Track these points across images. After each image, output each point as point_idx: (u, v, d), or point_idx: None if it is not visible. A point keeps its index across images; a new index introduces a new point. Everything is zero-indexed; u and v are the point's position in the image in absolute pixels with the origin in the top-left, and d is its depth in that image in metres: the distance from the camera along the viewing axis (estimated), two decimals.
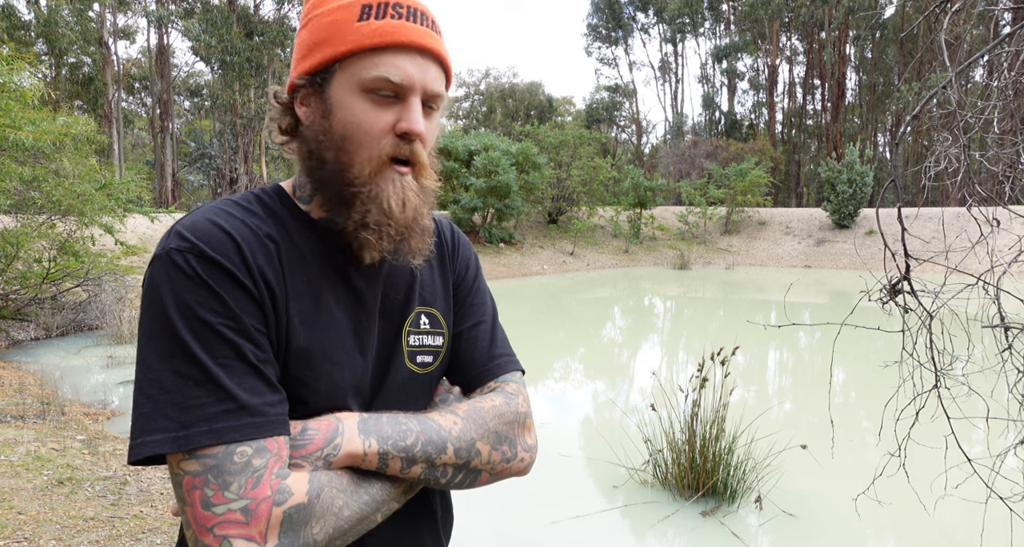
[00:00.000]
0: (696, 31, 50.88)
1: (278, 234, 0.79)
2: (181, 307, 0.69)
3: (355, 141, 0.78)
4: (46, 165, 8.18)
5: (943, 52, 2.04)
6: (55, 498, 3.36)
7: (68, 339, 8.57)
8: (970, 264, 2.22)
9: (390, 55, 0.77)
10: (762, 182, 25.98)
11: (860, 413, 5.66)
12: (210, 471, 0.66)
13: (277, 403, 0.72)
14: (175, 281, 0.70)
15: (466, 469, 0.83)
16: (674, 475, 3.86)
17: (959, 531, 3.31)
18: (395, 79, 0.77)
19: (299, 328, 0.77)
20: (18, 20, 29.42)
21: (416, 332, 0.89)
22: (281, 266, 0.77)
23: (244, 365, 0.70)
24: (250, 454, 0.68)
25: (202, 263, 0.71)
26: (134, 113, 41.66)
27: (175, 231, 0.73)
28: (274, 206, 0.82)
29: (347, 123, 0.78)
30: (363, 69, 0.77)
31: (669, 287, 17.00)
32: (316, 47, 0.79)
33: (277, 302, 0.75)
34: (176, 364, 0.68)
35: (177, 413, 0.67)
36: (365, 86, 0.77)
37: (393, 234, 0.80)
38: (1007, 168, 2.14)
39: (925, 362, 2.09)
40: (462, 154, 20.74)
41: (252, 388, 0.70)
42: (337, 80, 0.79)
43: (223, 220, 0.75)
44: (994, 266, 1.97)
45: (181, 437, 0.66)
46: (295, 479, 0.69)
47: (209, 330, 0.69)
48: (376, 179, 0.79)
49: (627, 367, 7.96)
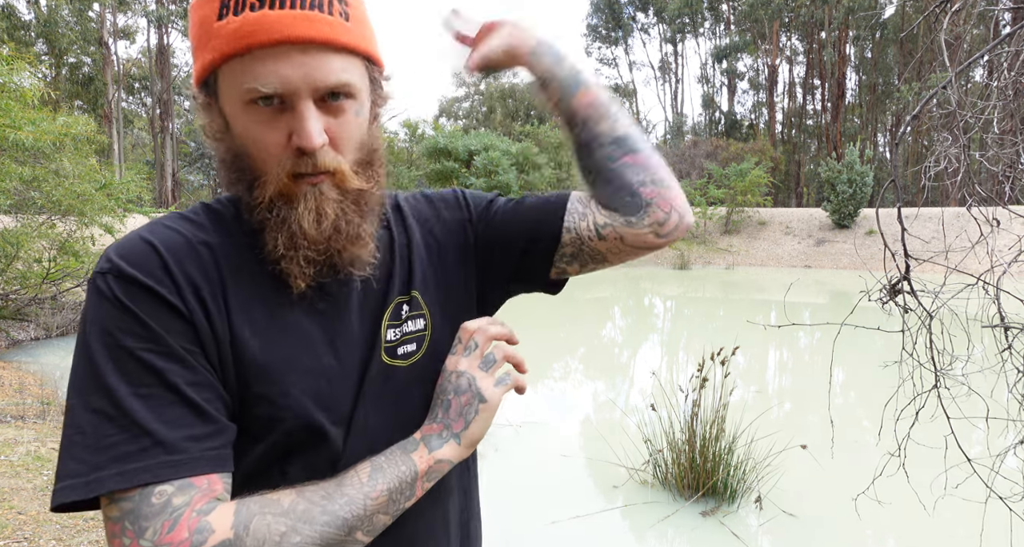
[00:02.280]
0: (696, 31, 50.89)
1: (220, 242, 0.70)
2: (101, 334, 0.62)
3: (255, 160, 0.69)
4: (46, 165, 8.18)
5: (943, 52, 2.04)
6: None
7: (68, 339, 8.57)
8: (970, 264, 2.22)
9: (255, 61, 0.64)
10: (762, 182, 25.98)
11: (860, 413, 5.66)
12: (127, 517, 0.59)
13: (208, 436, 0.63)
14: (95, 307, 0.63)
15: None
16: (674, 475, 3.86)
17: (959, 531, 3.31)
18: (268, 89, 0.64)
19: (250, 340, 0.68)
20: (18, 20, 29.44)
21: (394, 324, 0.79)
22: (219, 274, 0.69)
23: (169, 394, 0.62)
24: (171, 493, 0.60)
25: (120, 283, 0.63)
26: (134, 113, 41.68)
27: (105, 254, 0.66)
28: (225, 213, 0.74)
29: (243, 139, 0.68)
30: (235, 79, 0.65)
31: (669, 287, 17.00)
32: (196, 51, 0.69)
33: (212, 315, 0.67)
34: (92, 399, 0.61)
35: (90, 455, 0.59)
36: (243, 98, 0.66)
37: (313, 255, 0.70)
38: (1007, 168, 2.14)
39: (925, 362, 2.09)
40: (462, 154, 20.76)
41: (175, 420, 0.61)
42: (223, 89, 0.68)
43: (151, 233, 0.68)
44: (994, 266, 1.97)
45: (92, 481, 0.59)
46: (219, 513, 0.61)
47: (128, 356, 0.61)
48: (283, 199, 0.69)
49: (627, 367, 7.96)
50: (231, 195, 0.76)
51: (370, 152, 0.74)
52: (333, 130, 0.68)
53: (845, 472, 4.03)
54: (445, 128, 30.71)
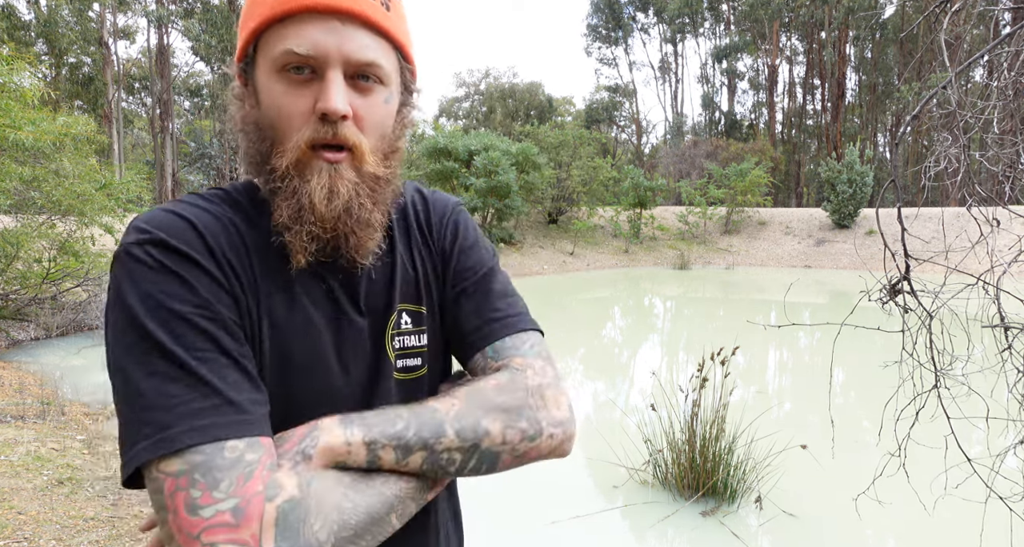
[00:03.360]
0: (696, 31, 50.88)
1: (247, 228, 0.71)
2: (147, 301, 0.61)
3: (278, 129, 0.69)
4: (46, 165, 8.18)
5: (943, 52, 2.04)
6: (55, 498, 3.36)
7: (68, 339, 8.57)
8: (970, 264, 2.22)
9: (297, 24, 0.66)
10: (762, 182, 25.98)
11: (860, 413, 5.66)
12: (197, 469, 0.58)
13: (262, 402, 0.64)
14: (137, 275, 0.62)
15: (478, 452, 0.70)
16: (674, 475, 3.86)
17: (959, 531, 3.31)
18: (300, 50, 0.65)
19: (269, 331, 0.68)
20: (18, 20, 29.42)
21: (399, 333, 0.79)
22: (250, 258, 0.69)
23: (224, 357, 0.62)
24: (242, 448, 0.60)
25: (165, 252, 0.63)
26: (134, 113, 41.66)
27: (132, 226, 0.66)
28: (241, 200, 0.74)
29: (269, 110, 0.69)
30: (272, 45, 0.67)
31: (669, 287, 17.00)
32: (241, 30, 0.70)
33: (248, 296, 0.67)
34: (149, 363, 0.60)
35: (157, 416, 0.59)
36: (277, 64, 0.67)
37: (319, 232, 0.69)
38: (1007, 168, 2.14)
39: (925, 362, 2.09)
40: (462, 154, 20.75)
41: (236, 383, 0.62)
42: (258, 63, 0.69)
43: (183, 210, 0.67)
44: (994, 266, 1.97)
45: (163, 439, 0.58)
46: (284, 472, 0.61)
47: (181, 320, 0.61)
48: (298, 170, 0.69)
49: (627, 367, 7.96)
50: (246, 182, 0.77)
51: (392, 145, 0.75)
52: (359, 108, 0.69)
53: (845, 472, 4.03)
54: (445, 128, 30.73)
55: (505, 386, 0.74)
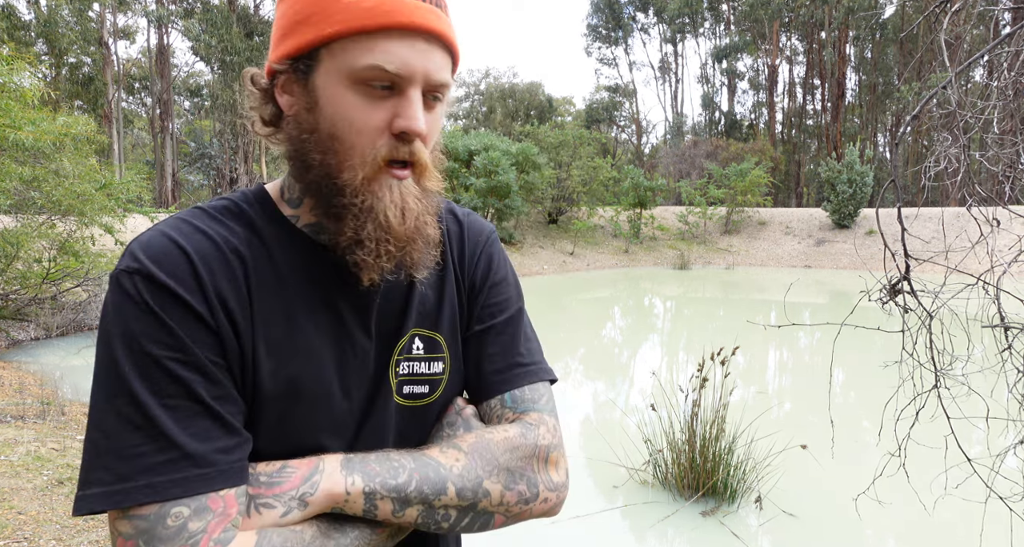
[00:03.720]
0: (696, 31, 50.88)
1: (249, 249, 0.69)
2: (126, 338, 0.61)
3: (345, 142, 0.66)
4: (46, 165, 8.18)
5: (943, 52, 2.04)
6: (55, 498, 3.36)
7: (68, 339, 8.57)
8: (970, 264, 2.22)
9: (385, 39, 0.64)
10: (762, 182, 25.98)
11: (860, 413, 5.66)
12: (141, 536, 0.58)
13: (232, 448, 0.62)
14: (121, 308, 0.62)
15: (473, 511, 0.71)
16: (674, 475, 3.86)
17: (959, 531, 3.31)
18: (391, 69, 0.64)
19: (265, 360, 0.67)
20: (18, 20, 29.41)
21: (407, 359, 0.77)
22: (248, 287, 0.67)
23: (194, 405, 0.61)
24: (187, 516, 0.59)
25: (150, 287, 0.61)
26: (134, 113, 41.67)
27: (129, 250, 0.64)
28: (252, 213, 0.71)
29: (336, 120, 0.66)
30: (353, 56, 0.65)
31: (669, 287, 17.00)
32: (299, 26, 0.67)
33: (239, 330, 0.66)
34: (118, 404, 0.60)
35: (116, 463, 0.58)
36: (356, 76, 0.65)
37: (393, 250, 0.68)
38: (1007, 168, 2.14)
39: (925, 362, 2.09)
40: (462, 154, 20.75)
41: (201, 432, 0.61)
42: (323, 67, 0.66)
43: (182, 235, 0.65)
44: (994, 266, 1.97)
45: (118, 492, 0.58)
46: (239, 543, 0.60)
47: (154, 365, 0.60)
48: (371, 187, 0.67)
49: (627, 367, 7.96)
50: (257, 189, 0.74)
51: (439, 157, 0.75)
52: (427, 127, 0.69)
53: (845, 472, 4.03)
54: (445, 128, 30.70)
55: (514, 444, 0.74)
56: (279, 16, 0.70)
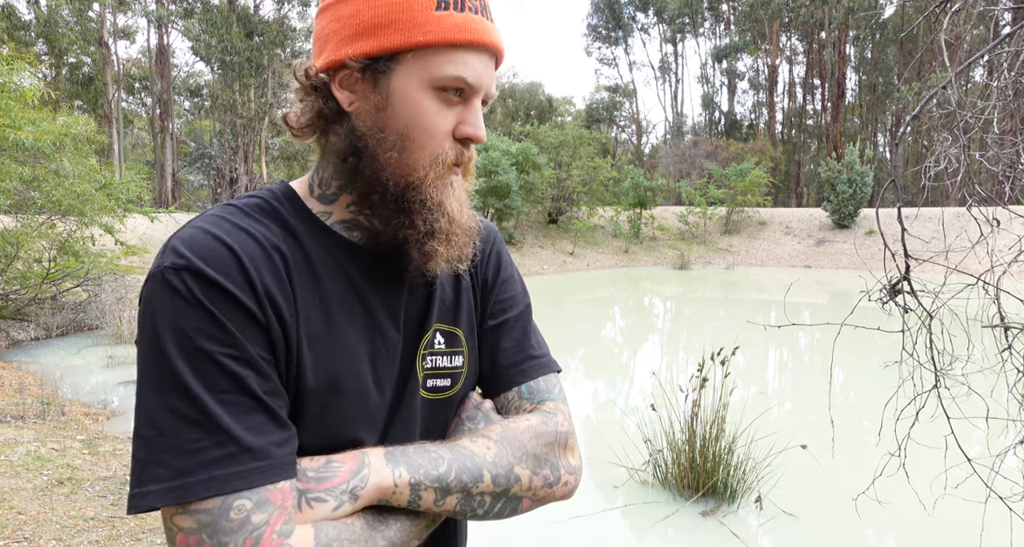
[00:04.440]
0: (696, 31, 50.88)
1: (287, 245, 0.71)
2: (177, 335, 0.61)
3: (417, 142, 0.71)
4: (46, 165, 8.18)
5: (943, 52, 2.05)
6: (55, 498, 3.36)
7: (68, 339, 8.57)
8: (970, 264, 2.22)
9: (466, 54, 0.70)
10: (762, 182, 25.98)
11: (860, 413, 5.65)
12: (204, 529, 0.59)
13: (285, 441, 0.64)
14: (170, 305, 0.62)
15: (505, 497, 0.75)
16: (674, 475, 3.86)
17: (959, 531, 3.31)
18: (471, 80, 0.71)
19: (307, 355, 0.69)
20: (18, 20, 29.41)
21: (431, 353, 0.81)
22: (291, 284, 0.69)
23: (248, 399, 0.62)
24: (249, 508, 0.60)
25: (200, 284, 0.62)
26: (134, 113, 41.66)
27: (171, 246, 0.65)
28: (283, 211, 0.73)
29: (410, 122, 0.71)
30: (438, 65, 0.69)
31: (669, 287, 17.00)
32: (381, 28, 0.69)
33: (287, 326, 0.67)
34: (171, 401, 0.60)
35: (174, 459, 0.59)
36: (437, 83, 0.70)
37: (458, 241, 0.75)
38: (1007, 168, 2.14)
39: (925, 362, 2.09)
40: None
41: (257, 426, 0.62)
42: (403, 71, 0.70)
43: (224, 232, 0.66)
44: (994, 266, 1.97)
45: (178, 487, 0.59)
46: (299, 537, 0.62)
47: (208, 360, 0.61)
48: (438, 184, 0.73)
49: (627, 367, 7.96)
50: (283, 187, 0.77)
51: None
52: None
53: (845, 472, 4.03)
54: None
55: (538, 432, 0.79)
56: (349, 14, 0.71)
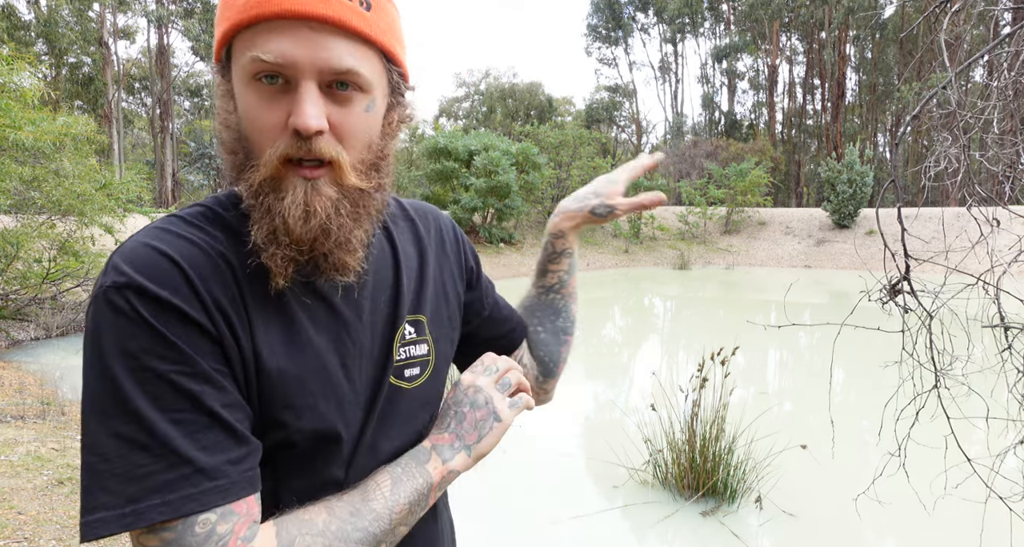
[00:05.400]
0: (696, 31, 50.88)
1: (234, 252, 0.66)
2: (124, 356, 0.58)
3: (252, 142, 0.64)
4: (46, 165, 8.18)
5: (943, 52, 2.04)
6: (55, 498, 3.36)
7: (68, 339, 8.57)
8: (970, 264, 2.22)
9: (264, 31, 0.61)
10: (762, 182, 25.98)
11: (860, 413, 5.65)
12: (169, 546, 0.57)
13: (243, 458, 0.61)
14: (114, 325, 0.58)
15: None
16: (674, 475, 3.86)
17: (959, 531, 3.31)
18: (267, 58, 0.61)
19: (268, 360, 0.65)
20: (18, 20, 29.43)
21: (403, 344, 0.79)
22: (239, 290, 0.65)
23: (203, 417, 0.59)
24: (214, 521, 0.58)
25: (144, 301, 0.58)
26: (134, 113, 41.68)
27: (112, 264, 0.61)
28: (228, 217, 0.69)
29: (245, 120, 0.64)
30: (241, 50, 0.63)
31: (669, 287, 17.00)
32: (215, 28, 0.66)
33: (238, 335, 0.64)
34: (117, 426, 0.57)
35: (122, 485, 0.56)
36: (247, 72, 0.62)
37: (294, 254, 0.65)
38: (1007, 168, 2.14)
39: (925, 362, 2.09)
40: (462, 154, 20.75)
41: (213, 444, 0.59)
42: (234, 65, 0.65)
43: (166, 244, 0.62)
44: (994, 266, 1.97)
45: (129, 514, 0.56)
46: (262, 539, 0.60)
47: (159, 380, 0.58)
48: (273, 186, 0.64)
49: (627, 367, 7.96)
50: (229, 192, 0.72)
51: (378, 156, 0.70)
52: (337, 120, 0.64)
53: (845, 472, 4.03)
54: (445, 128, 30.72)
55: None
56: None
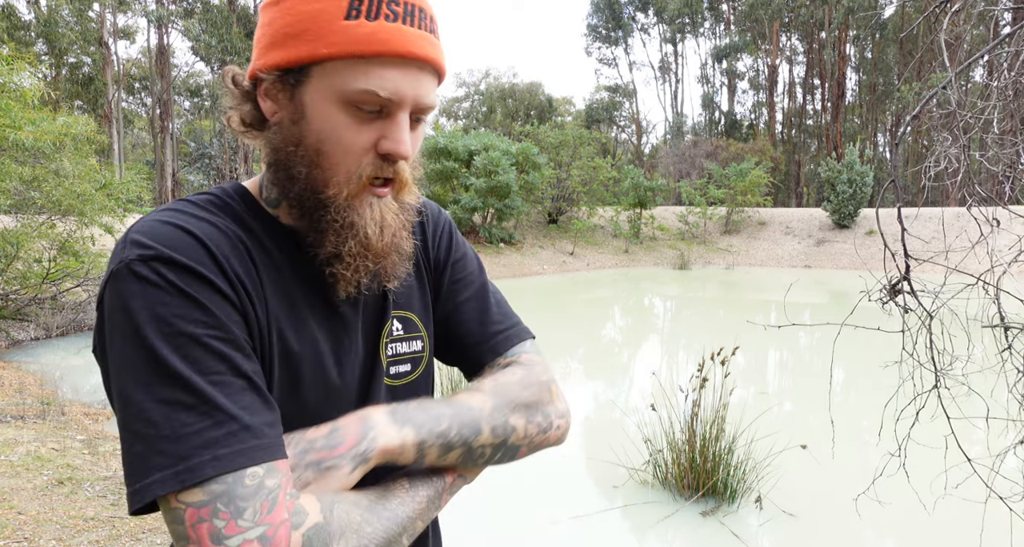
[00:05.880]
0: (696, 31, 50.89)
1: (247, 237, 0.69)
2: (158, 323, 0.59)
3: (331, 158, 0.68)
4: (46, 165, 8.19)
5: (943, 52, 2.05)
6: (55, 498, 3.36)
7: (68, 339, 8.57)
8: (970, 264, 2.22)
9: (380, 66, 0.66)
10: (762, 182, 25.97)
11: (860, 413, 5.65)
12: (219, 499, 0.57)
13: (275, 422, 0.63)
14: (143, 295, 0.59)
15: (504, 447, 0.76)
16: (674, 475, 3.86)
17: (959, 531, 3.31)
18: (384, 95, 0.66)
19: (278, 345, 0.69)
20: (18, 20, 29.43)
21: (392, 340, 0.81)
22: (256, 271, 0.68)
23: (240, 380, 0.61)
24: (262, 475, 0.59)
25: (173, 270, 0.60)
26: (134, 113, 41.68)
27: (131, 239, 0.62)
28: (237, 208, 0.72)
29: (323, 136, 0.68)
30: (346, 79, 0.66)
31: (669, 287, 17.00)
32: (291, 39, 0.67)
33: (258, 312, 0.66)
34: (160, 392, 0.58)
35: (172, 446, 0.57)
36: (347, 98, 0.66)
37: (370, 265, 0.72)
38: (1007, 168, 2.14)
39: (925, 362, 2.09)
40: (462, 154, 20.73)
41: (250, 407, 0.61)
42: (314, 84, 0.67)
43: (184, 221, 0.65)
44: (994, 266, 1.97)
45: (183, 471, 0.57)
46: (306, 497, 0.62)
47: (195, 344, 0.60)
48: (353, 204, 0.69)
49: (627, 367, 7.96)
50: (234, 185, 0.75)
51: (415, 171, 0.77)
52: (411, 145, 0.71)
53: (845, 472, 4.03)
54: (445, 128, 30.72)
55: (526, 382, 0.80)
56: (266, 22, 0.70)
